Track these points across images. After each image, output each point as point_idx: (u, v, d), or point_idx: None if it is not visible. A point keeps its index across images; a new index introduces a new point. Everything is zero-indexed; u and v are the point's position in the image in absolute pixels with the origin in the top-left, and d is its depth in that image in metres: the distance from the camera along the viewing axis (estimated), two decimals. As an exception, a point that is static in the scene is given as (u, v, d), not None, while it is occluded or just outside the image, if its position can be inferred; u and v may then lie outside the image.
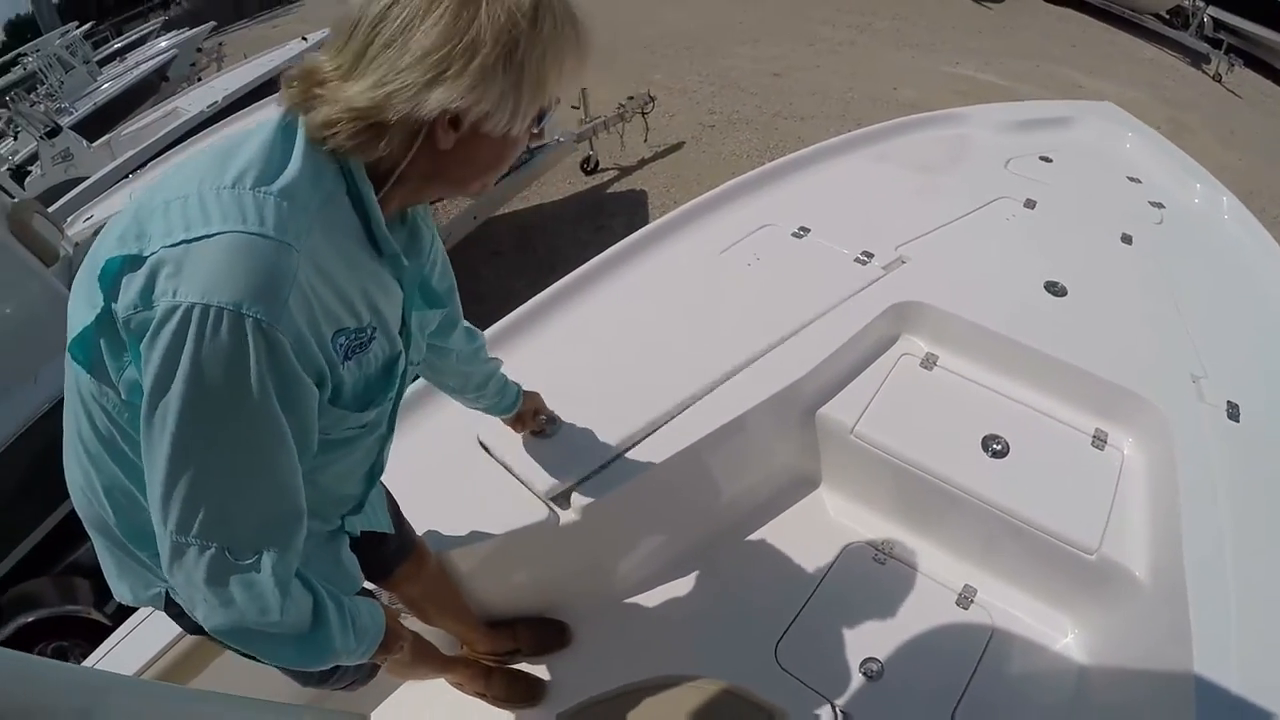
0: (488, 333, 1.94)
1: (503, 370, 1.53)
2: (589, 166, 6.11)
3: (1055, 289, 2.18)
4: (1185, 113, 7.87)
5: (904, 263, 2.21)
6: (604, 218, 5.53)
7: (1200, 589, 1.46)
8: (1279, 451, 1.77)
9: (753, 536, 1.99)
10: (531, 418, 1.69)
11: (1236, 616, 1.42)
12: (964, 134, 3.02)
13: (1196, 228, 2.65)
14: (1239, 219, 2.71)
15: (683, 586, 1.90)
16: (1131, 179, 2.86)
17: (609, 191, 5.97)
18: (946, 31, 10.04)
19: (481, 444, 1.76)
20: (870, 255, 2.22)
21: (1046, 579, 1.78)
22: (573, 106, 5.84)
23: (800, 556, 1.92)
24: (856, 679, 1.70)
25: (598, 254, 2.24)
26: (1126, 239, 2.46)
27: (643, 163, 6.30)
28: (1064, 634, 1.77)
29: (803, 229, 2.35)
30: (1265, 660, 1.36)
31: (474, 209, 4.67)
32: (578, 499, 1.67)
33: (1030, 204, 2.56)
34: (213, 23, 6.59)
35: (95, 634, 2.68)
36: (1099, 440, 1.89)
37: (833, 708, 1.65)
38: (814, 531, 1.98)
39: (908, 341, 2.13)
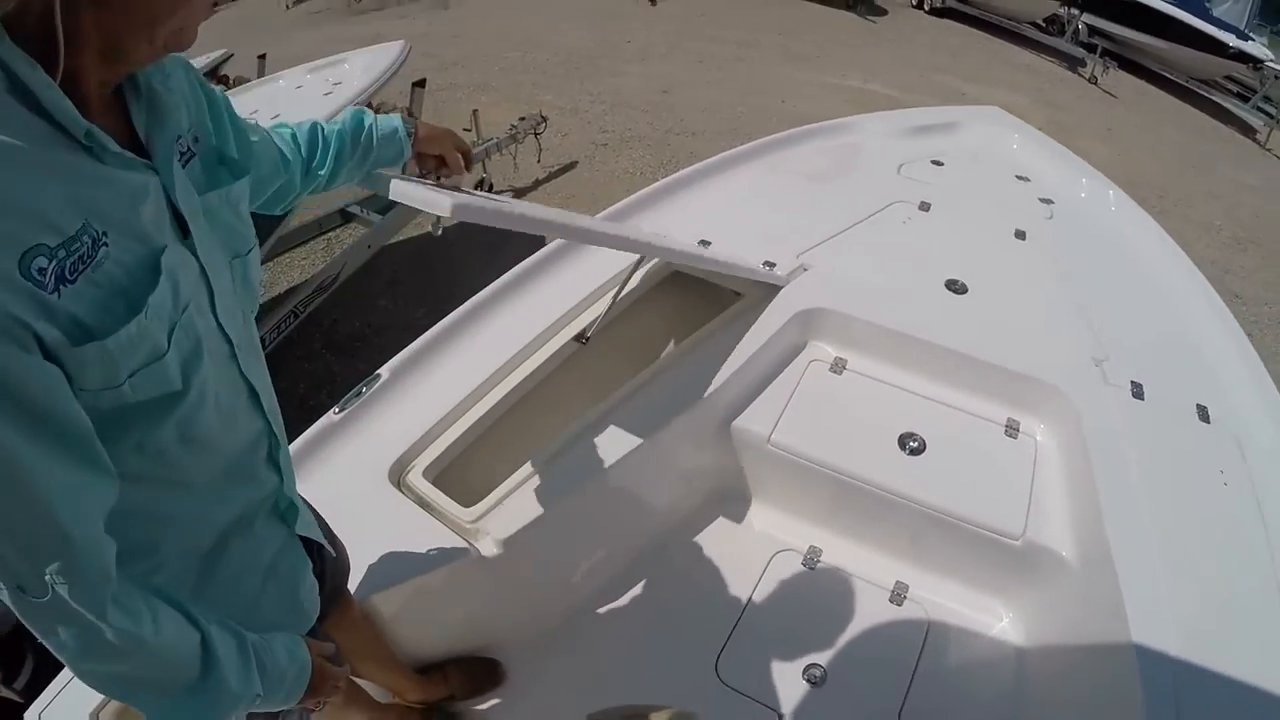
0: (390, 364, 1.94)
1: (367, 115, 1.33)
2: (483, 189, 6.09)
3: (956, 287, 2.30)
4: (1064, 113, 8.47)
5: (805, 270, 2.29)
6: (501, 239, 5.48)
7: (1126, 560, 1.56)
8: (1185, 424, 1.91)
9: (680, 554, 2.02)
10: (438, 160, 1.42)
11: (1164, 580, 1.54)
12: (855, 142, 3.16)
13: (1085, 220, 2.86)
14: (1124, 208, 2.95)
15: (615, 611, 1.91)
16: (1020, 178, 3.06)
17: (504, 214, 5.95)
18: (831, 46, 10.51)
19: (391, 481, 1.73)
20: (772, 265, 2.29)
21: (975, 568, 1.88)
22: (464, 129, 5.81)
23: (730, 569, 1.96)
24: (800, 686, 1.74)
25: (497, 277, 2.24)
26: (1020, 235, 2.62)
27: (537, 183, 6.33)
28: (998, 619, 1.87)
29: (703, 242, 2.40)
30: (1197, 616, 1.48)
31: (368, 237, 4.59)
32: (495, 529, 1.65)
33: (925, 206, 2.69)
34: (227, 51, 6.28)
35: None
36: (1011, 429, 2.01)
37: (780, 718, 1.68)
38: (742, 543, 2.02)
39: (815, 348, 2.21)
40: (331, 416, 1.80)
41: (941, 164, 3.05)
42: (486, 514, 1.67)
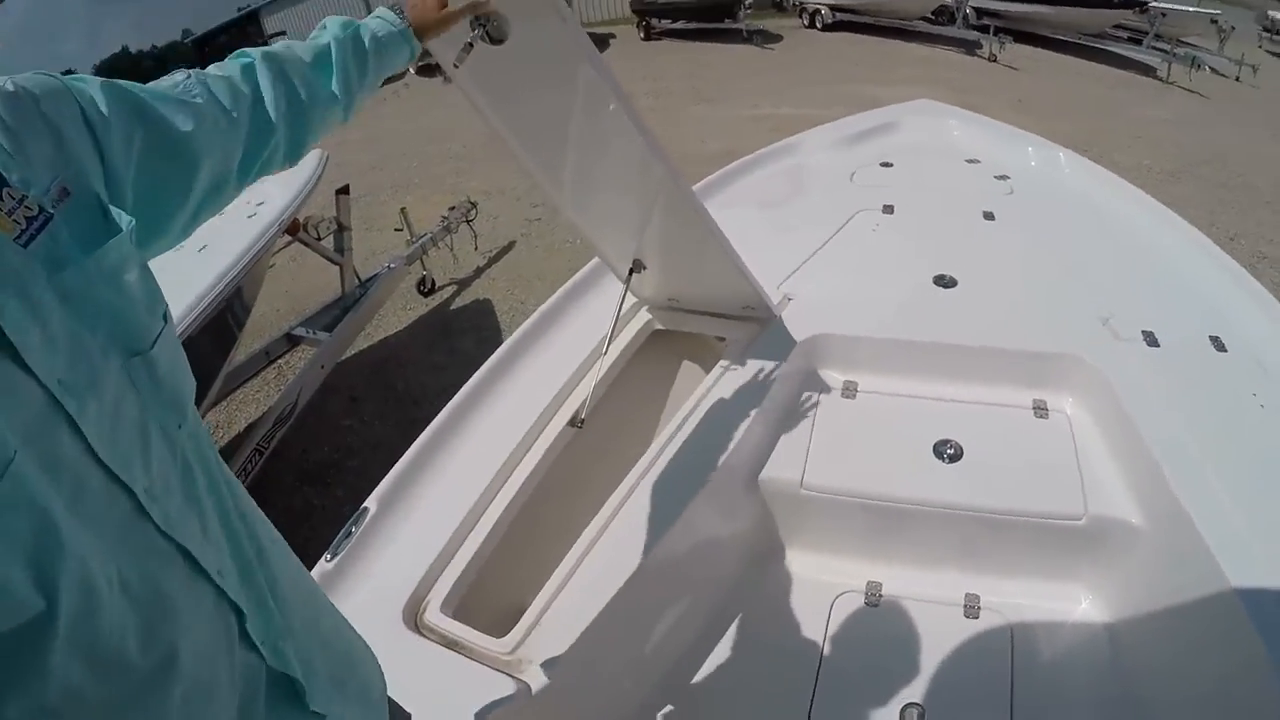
0: (376, 494, 1.78)
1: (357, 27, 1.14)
2: (425, 288, 5.97)
3: (944, 281, 2.25)
4: (973, 95, 8.68)
5: (791, 300, 2.20)
6: (454, 337, 5.40)
7: (1197, 506, 1.51)
8: (1205, 359, 1.90)
9: (738, 625, 1.85)
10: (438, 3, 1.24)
11: (1239, 515, 1.49)
12: (800, 161, 3.12)
13: (1044, 186, 2.87)
14: (1077, 167, 2.98)
15: (687, 703, 1.73)
16: (970, 161, 3.07)
17: (453, 308, 5.84)
18: (737, 79, 10.74)
19: (407, 624, 1.55)
20: (750, 308, 2.17)
21: (1043, 559, 1.78)
22: (395, 229, 5.73)
23: (793, 627, 1.81)
24: None
25: (458, 377, 2.11)
26: (989, 216, 2.60)
27: (479, 271, 6.24)
28: (1078, 603, 1.77)
29: (671, 300, 2.30)
30: None
31: (319, 358, 4.41)
32: (537, 655, 1.48)
33: (889, 209, 2.65)
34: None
35: None
36: (1040, 410, 1.94)
37: None
38: (798, 596, 1.88)
39: (822, 377, 2.11)
40: (325, 565, 1.64)
41: (891, 164, 3.04)
42: (524, 640, 1.50)
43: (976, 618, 1.78)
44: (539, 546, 1.75)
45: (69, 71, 0.80)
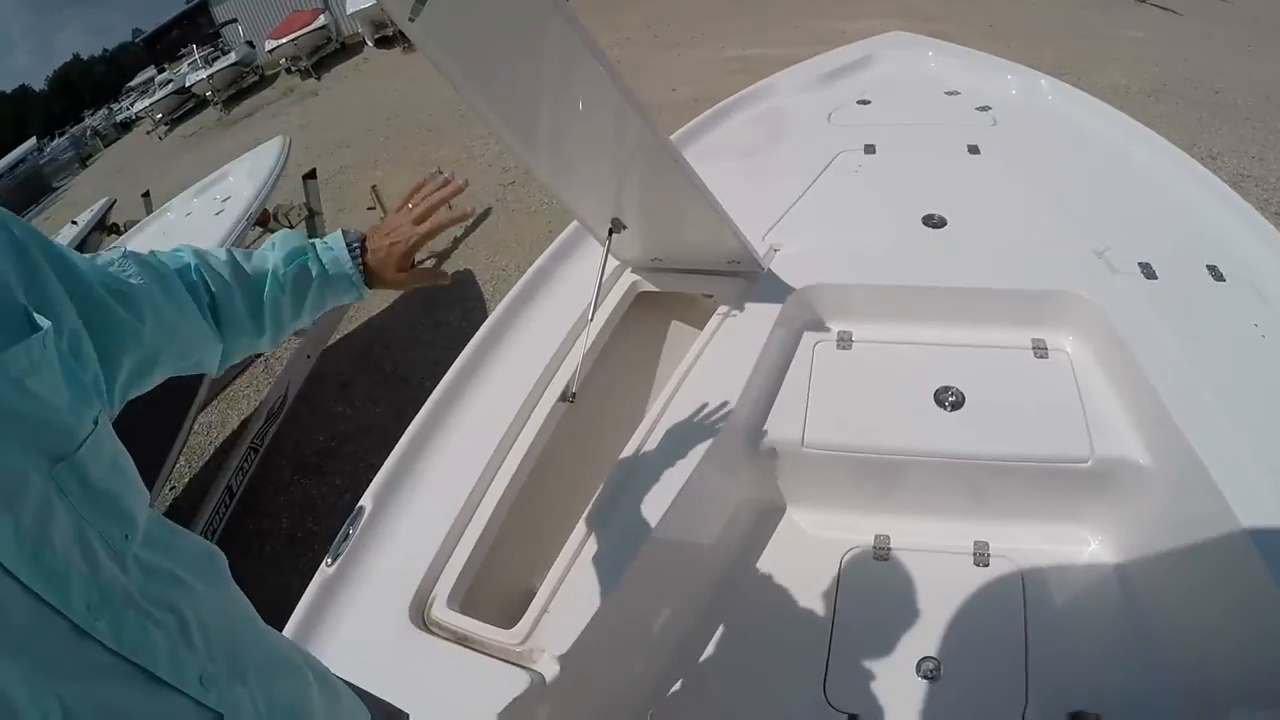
0: (371, 491, 1.73)
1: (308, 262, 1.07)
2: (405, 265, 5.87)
3: (933, 221, 2.18)
4: (942, 24, 8.52)
5: (777, 251, 2.13)
6: (438, 311, 5.31)
7: (1202, 440, 1.50)
8: (1203, 289, 1.86)
9: (748, 589, 1.82)
10: (398, 262, 1.15)
11: (1245, 447, 1.48)
12: (776, 104, 3.03)
13: (1028, 116, 2.78)
14: (1060, 93, 2.88)
15: (703, 673, 1.71)
16: (950, 93, 2.97)
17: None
18: (699, 24, 10.51)
19: (414, 622, 1.51)
20: (736, 262, 2.08)
21: (1050, 503, 1.76)
22: (369, 208, 5.62)
23: (804, 587, 1.78)
24: (919, 686, 1.58)
25: (445, 352, 2.05)
26: (974, 149, 2.52)
27: (456, 241, 6.13)
28: (1086, 545, 1.76)
29: (655, 259, 2.23)
30: None
31: (304, 348, 4.35)
32: (549, 643, 1.44)
33: (870, 149, 2.57)
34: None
35: None
36: (1040, 350, 1.89)
37: None
38: (806, 555, 1.85)
39: (815, 329, 2.05)
40: (325, 570, 1.60)
41: (869, 101, 2.95)
42: (533, 629, 1.47)
43: (986, 565, 1.75)
44: (540, 529, 1.72)
45: (23, 86, 0.72)
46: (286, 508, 4.03)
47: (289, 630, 1.51)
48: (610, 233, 1.88)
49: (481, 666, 1.41)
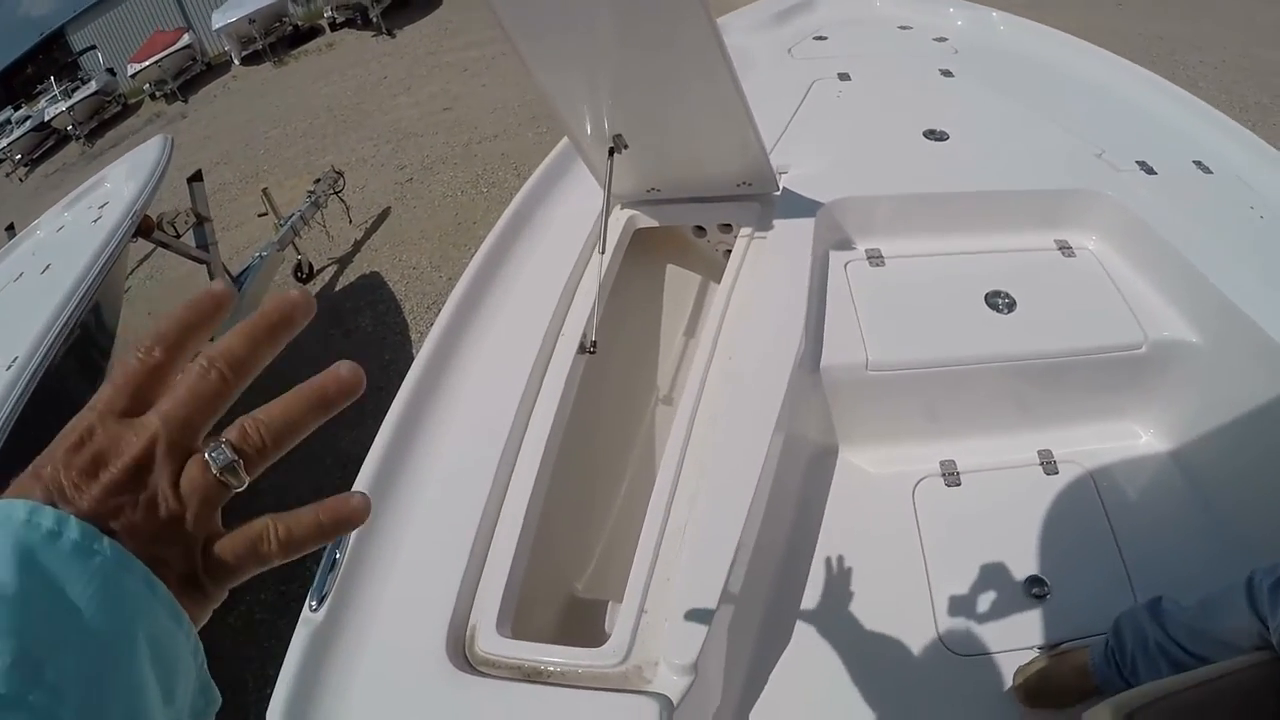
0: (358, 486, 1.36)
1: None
2: (303, 273, 5.47)
3: (935, 135, 2.12)
4: None
5: (784, 174, 1.98)
6: (348, 318, 4.96)
7: (1253, 306, 1.54)
8: (1198, 181, 1.96)
9: (829, 545, 1.62)
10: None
11: None
12: (731, 43, 2.90)
13: (987, 44, 2.80)
14: (1011, 24, 2.93)
15: (811, 645, 1.48)
16: (903, 27, 2.96)
17: (339, 288, 5.36)
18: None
19: (457, 664, 1.14)
20: (748, 184, 1.90)
21: (1108, 396, 1.77)
22: (260, 215, 5.20)
23: (884, 531, 1.62)
24: (1032, 608, 1.48)
25: (364, 359, 1.70)
26: (946, 73, 2.49)
27: (358, 245, 5.76)
28: (1147, 434, 1.79)
29: (653, 189, 2.05)
30: None
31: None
32: (662, 655, 1.13)
33: (844, 76, 2.49)
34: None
35: None
36: (1065, 249, 1.89)
37: (1046, 648, 1.41)
38: (879, 497, 1.69)
39: (843, 249, 1.92)
40: (311, 617, 1.21)
41: (826, 38, 2.88)
42: (634, 641, 1.14)
43: (1056, 473, 1.71)
44: (585, 513, 1.45)
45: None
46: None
47: (276, 704, 1.11)
48: (611, 153, 1.68)
49: (579, 704, 1.07)
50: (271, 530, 0.45)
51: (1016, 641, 1.43)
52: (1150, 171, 1.95)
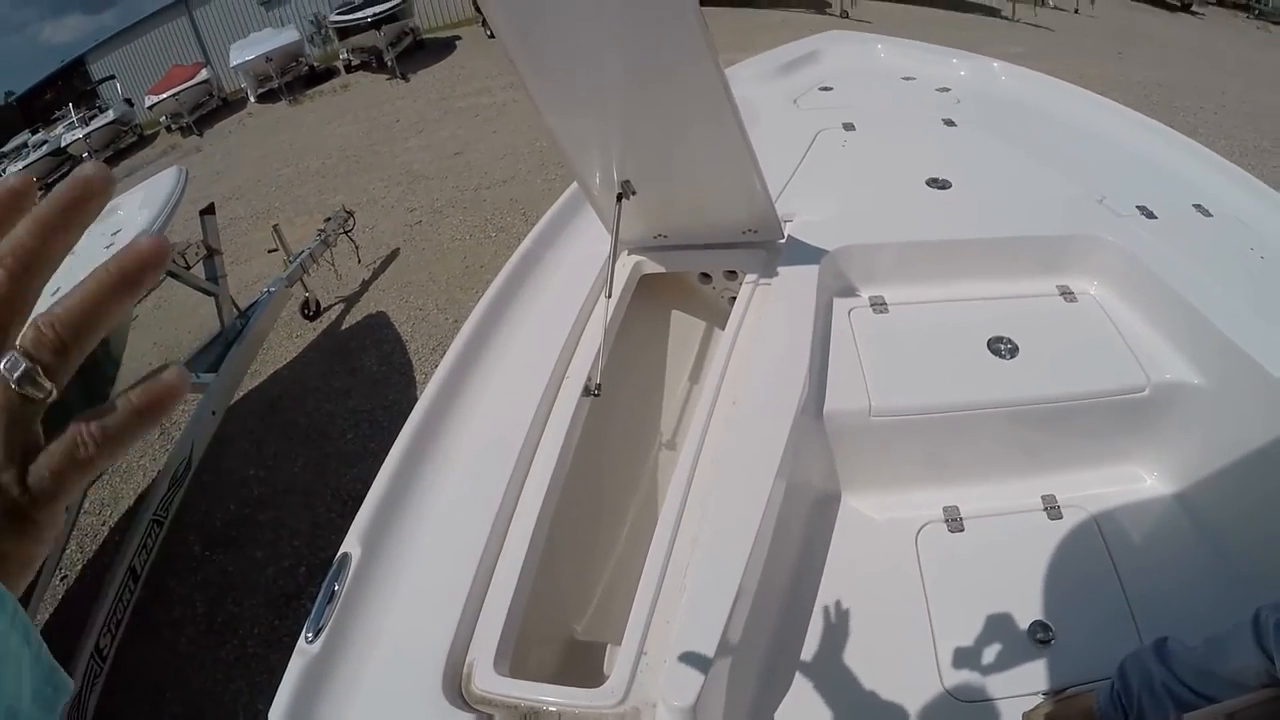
0: (355, 532, 1.38)
1: None
2: (310, 310, 5.52)
3: (938, 183, 2.17)
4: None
5: (789, 222, 2.02)
6: (353, 356, 5.00)
7: (1255, 347, 1.56)
8: (1198, 224, 2.01)
9: (830, 591, 1.62)
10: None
11: None
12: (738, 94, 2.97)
13: (989, 94, 2.88)
14: (1012, 74, 3.03)
15: (812, 690, 1.47)
16: (906, 78, 3.02)
17: (345, 327, 5.42)
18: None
19: (454, 702, 1.15)
20: (753, 231, 1.93)
21: (1112, 440, 1.78)
22: (270, 250, 5.28)
23: (887, 577, 1.62)
24: (1037, 653, 1.47)
25: (366, 400, 1.76)
26: (949, 122, 2.55)
27: (366, 284, 5.83)
28: (1151, 478, 1.79)
29: (659, 235, 2.09)
30: None
31: (207, 403, 3.95)
32: (660, 696, 1.13)
33: (849, 126, 2.54)
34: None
35: None
36: (1067, 295, 1.92)
37: (1051, 693, 1.41)
38: (881, 543, 1.69)
39: (847, 296, 1.95)
40: (306, 648, 1.22)
41: (831, 88, 2.95)
42: (632, 681, 1.14)
43: (1060, 518, 1.72)
44: (585, 554, 1.47)
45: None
46: (199, 588, 3.56)
47: None
48: (619, 199, 1.72)
49: None
50: (85, 431, 0.40)
51: (1021, 687, 1.42)
52: (1151, 216, 1.99)
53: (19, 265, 0.38)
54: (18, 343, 0.38)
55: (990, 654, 1.47)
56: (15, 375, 0.38)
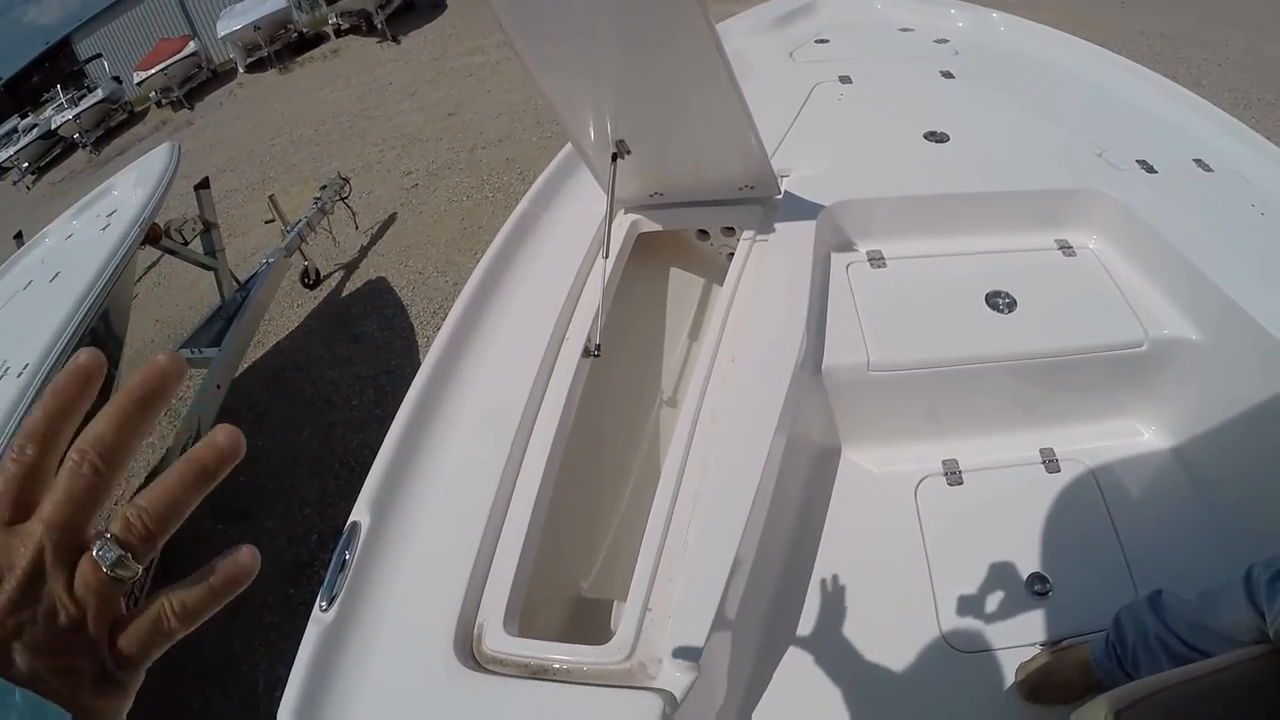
0: (364, 499, 1.39)
1: None
2: (309, 279, 5.51)
3: (936, 137, 2.14)
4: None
5: (785, 177, 2.01)
6: (354, 323, 5.00)
7: (1252, 303, 1.55)
8: (1198, 180, 1.97)
9: (832, 544, 1.65)
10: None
11: None
12: (733, 47, 2.93)
13: (988, 45, 2.82)
14: (1012, 25, 2.96)
15: (815, 644, 1.51)
16: (904, 30, 2.98)
17: (345, 294, 5.41)
18: None
19: (465, 662, 1.17)
20: (750, 187, 1.93)
21: (1110, 394, 1.79)
22: (266, 221, 5.27)
23: (888, 529, 1.65)
24: (1035, 605, 1.50)
25: (370, 366, 1.77)
26: (947, 75, 2.52)
27: (364, 250, 5.81)
28: (1147, 432, 1.80)
29: (656, 194, 2.07)
30: None
31: (212, 376, 3.96)
32: (666, 651, 1.15)
33: (846, 79, 2.51)
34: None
35: None
36: (1066, 249, 1.91)
37: (1048, 644, 1.44)
38: (881, 496, 1.72)
39: (844, 250, 1.95)
40: (321, 616, 1.25)
41: (827, 40, 2.91)
42: (638, 639, 1.16)
43: (1058, 471, 1.74)
44: (589, 513, 1.49)
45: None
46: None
47: (287, 704, 1.16)
48: (614, 159, 1.71)
49: (584, 700, 1.10)
50: (168, 607, 0.45)
51: (1019, 638, 1.45)
52: (1151, 170, 1.97)
53: (103, 461, 0.43)
54: (108, 531, 0.43)
55: (988, 605, 1.50)
56: (109, 563, 0.42)
